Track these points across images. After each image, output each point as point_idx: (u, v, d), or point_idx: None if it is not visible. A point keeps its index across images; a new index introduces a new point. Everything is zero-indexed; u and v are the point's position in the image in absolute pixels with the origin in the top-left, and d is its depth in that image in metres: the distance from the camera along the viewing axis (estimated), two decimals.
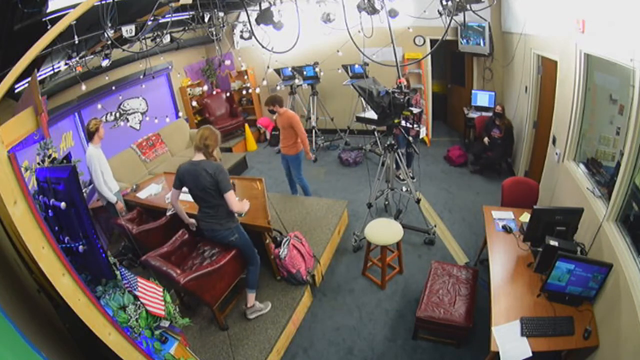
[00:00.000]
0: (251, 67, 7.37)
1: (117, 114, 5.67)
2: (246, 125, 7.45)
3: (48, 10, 2.53)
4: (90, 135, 3.59)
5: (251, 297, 3.02)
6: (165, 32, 4.53)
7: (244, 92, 7.54)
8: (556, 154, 3.30)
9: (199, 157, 2.66)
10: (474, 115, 5.71)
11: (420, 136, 3.84)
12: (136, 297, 1.79)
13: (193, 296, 3.08)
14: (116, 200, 3.75)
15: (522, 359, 1.96)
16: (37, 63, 3.35)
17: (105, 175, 3.70)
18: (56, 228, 1.61)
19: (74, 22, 2.60)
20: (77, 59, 4.06)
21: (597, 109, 2.76)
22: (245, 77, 7.49)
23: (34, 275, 1.63)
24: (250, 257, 2.98)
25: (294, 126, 4.06)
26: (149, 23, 3.76)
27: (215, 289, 2.81)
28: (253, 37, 3.32)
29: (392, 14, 4.55)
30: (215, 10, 4.55)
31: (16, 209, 1.18)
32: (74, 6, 2.11)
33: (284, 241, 3.30)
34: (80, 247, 1.51)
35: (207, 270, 2.70)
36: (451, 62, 6.74)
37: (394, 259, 3.53)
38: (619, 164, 2.21)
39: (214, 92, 7.50)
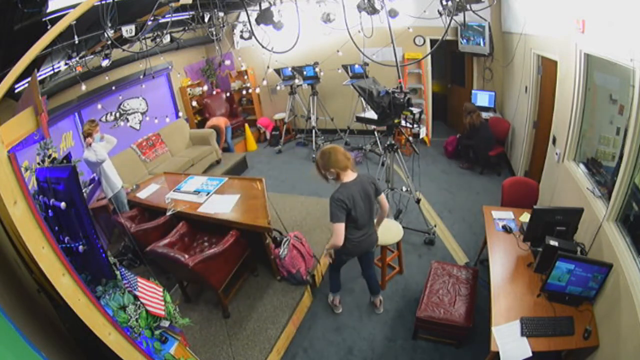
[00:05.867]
0: (251, 67, 7.37)
1: (117, 114, 5.67)
2: (246, 125, 7.45)
3: (48, 10, 2.54)
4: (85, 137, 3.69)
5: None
6: (165, 32, 4.53)
7: (244, 92, 7.54)
8: (556, 154, 3.30)
9: (353, 175, 2.51)
10: None
11: (420, 136, 3.84)
12: (136, 297, 1.79)
13: (199, 281, 3.21)
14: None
15: (522, 359, 1.96)
16: (37, 63, 3.35)
17: (108, 172, 3.77)
18: (56, 228, 1.61)
19: (74, 22, 2.60)
20: (77, 59, 4.06)
21: (597, 109, 2.76)
22: (245, 77, 7.49)
23: (34, 275, 1.63)
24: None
25: None
26: (149, 23, 3.76)
27: (221, 272, 2.96)
28: (253, 37, 3.32)
29: (392, 14, 4.55)
30: (215, 10, 4.55)
31: (16, 209, 1.18)
32: (74, 6, 2.12)
33: (284, 241, 3.30)
34: (80, 247, 1.51)
35: (213, 252, 2.85)
36: (451, 62, 6.73)
37: (394, 259, 3.53)
38: (619, 164, 2.20)
39: (214, 92, 7.50)
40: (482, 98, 5.80)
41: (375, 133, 5.98)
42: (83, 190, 1.55)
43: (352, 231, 2.59)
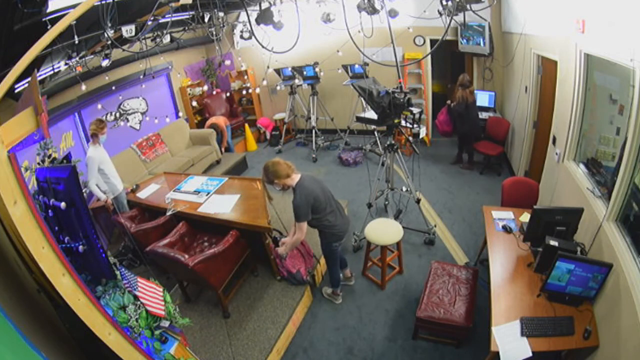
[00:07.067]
0: (251, 67, 7.36)
1: (117, 114, 5.67)
2: (246, 125, 7.45)
3: (48, 10, 2.53)
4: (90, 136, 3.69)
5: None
6: (165, 32, 4.53)
7: (244, 92, 7.54)
8: (556, 154, 3.30)
9: (297, 176, 2.69)
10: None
11: (420, 136, 3.84)
12: (136, 297, 1.79)
13: (199, 281, 3.21)
14: (105, 198, 3.80)
15: (522, 359, 1.96)
16: (37, 63, 3.35)
17: (108, 173, 3.75)
18: (56, 228, 1.61)
19: (74, 22, 2.60)
20: (77, 59, 4.06)
21: (597, 109, 2.76)
22: (245, 77, 7.49)
23: (34, 275, 1.63)
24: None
25: None
26: (149, 23, 3.76)
27: (221, 272, 2.98)
28: (253, 37, 3.32)
29: (392, 14, 4.55)
30: (215, 10, 4.55)
31: (16, 209, 1.18)
32: (74, 6, 2.12)
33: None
34: (80, 247, 1.51)
35: (213, 252, 2.85)
36: (451, 62, 6.73)
37: (394, 259, 3.53)
38: (619, 164, 2.20)
39: (214, 92, 7.50)
40: (482, 98, 5.80)
41: (375, 133, 5.98)
42: (83, 190, 1.55)
43: (329, 218, 2.77)
